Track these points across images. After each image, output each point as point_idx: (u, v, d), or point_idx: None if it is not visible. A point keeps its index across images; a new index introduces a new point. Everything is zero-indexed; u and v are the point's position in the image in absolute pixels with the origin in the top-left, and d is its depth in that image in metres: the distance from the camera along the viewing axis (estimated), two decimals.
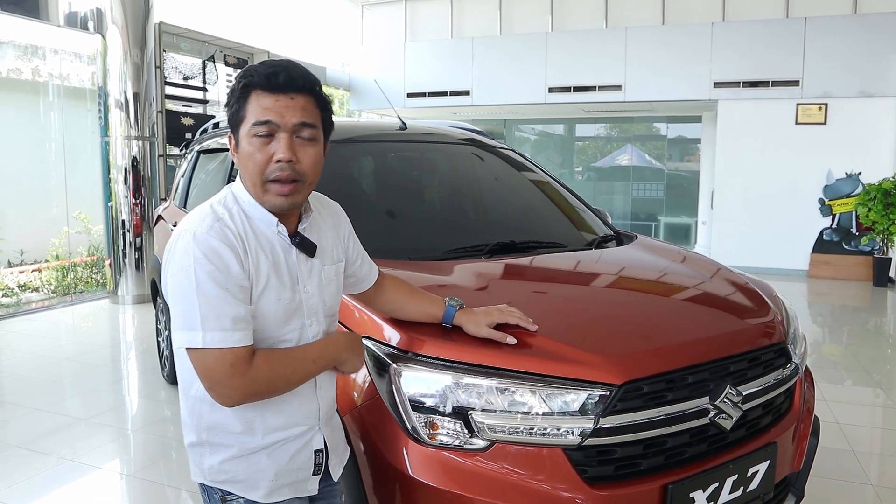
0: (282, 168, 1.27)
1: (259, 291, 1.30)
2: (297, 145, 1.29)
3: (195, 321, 1.21)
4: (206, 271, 1.22)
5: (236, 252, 1.26)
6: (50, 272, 7.66)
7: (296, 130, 1.29)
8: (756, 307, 2.19)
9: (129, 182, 7.05)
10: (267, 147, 1.28)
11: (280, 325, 1.34)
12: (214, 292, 1.21)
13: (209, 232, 1.25)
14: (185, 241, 1.25)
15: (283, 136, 1.27)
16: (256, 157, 1.28)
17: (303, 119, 1.29)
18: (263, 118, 1.26)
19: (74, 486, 3.08)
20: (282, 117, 1.27)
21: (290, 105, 1.27)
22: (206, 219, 1.28)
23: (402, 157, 3.22)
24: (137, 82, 6.94)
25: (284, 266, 1.35)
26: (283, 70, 1.28)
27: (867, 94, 8.85)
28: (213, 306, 1.21)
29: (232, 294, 1.23)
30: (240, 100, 1.30)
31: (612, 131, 13.57)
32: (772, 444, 1.91)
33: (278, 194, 1.29)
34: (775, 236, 9.41)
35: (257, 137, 1.27)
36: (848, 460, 3.32)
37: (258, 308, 1.29)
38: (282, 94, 1.27)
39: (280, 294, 1.33)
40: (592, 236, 2.86)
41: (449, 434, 1.64)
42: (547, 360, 1.68)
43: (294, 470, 1.41)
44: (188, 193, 4.03)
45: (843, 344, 6.00)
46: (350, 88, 11.96)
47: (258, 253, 1.31)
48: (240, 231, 1.29)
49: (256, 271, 1.29)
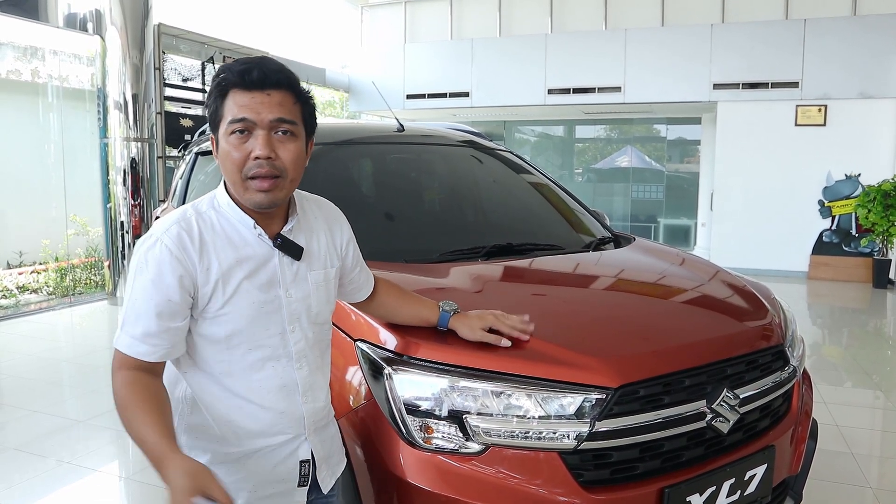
0: (259, 165, 1.26)
1: (228, 295, 1.28)
2: (275, 141, 1.27)
3: (121, 320, 1.26)
4: (142, 279, 1.24)
5: (182, 262, 1.25)
6: (48, 274, 7.66)
7: (273, 127, 1.27)
8: (754, 310, 2.18)
9: (127, 183, 7.05)
10: (244, 145, 1.26)
11: (256, 330, 1.31)
12: (141, 301, 1.24)
13: (165, 234, 1.26)
14: (140, 244, 1.28)
15: (260, 133, 1.26)
16: (234, 155, 1.26)
17: (280, 115, 1.27)
18: (239, 116, 1.25)
19: (72, 489, 3.07)
20: (258, 114, 1.25)
21: (265, 101, 1.26)
22: (170, 222, 1.29)
23: (399, 159, 3.22)
24: (136, 84, 6.94)
25: (263, 269, 1.32)
26: (257, 66, 1.26)
27: (867, 95, 8.85)
28: (134, 311, 1.24)
29: (154, 307, 1.23)
30: (217, 99, 1.29)
31: (612, 133, 13.57)
32: (769, 448, 1.90)
33: (258, 190, 1.27)
34: (775, 238, 9.40)
35: (234, 135, 1.26)
36: (847, 463, 3.31)
37: (226, 311, 1.28)
38: (257, 91, 1.26)
39: (254, 297, 1.30)
40: (590, 238, 2.85)
41: (444, 438, 1.64)
42: (543, 364, 1.67)
43: (276, 481, 1.38)
44: (186, 195, 4.02)
45: (843, 346, 6.00)
46: (349, 90, 11.96)
47: (228, 255, 1.29)
48: (204, 232, 1.28)
49: (224, 275, 1.28)
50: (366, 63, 11.84)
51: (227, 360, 1.31)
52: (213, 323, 1.29)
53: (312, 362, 1.42)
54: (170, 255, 1.24)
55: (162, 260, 1.24)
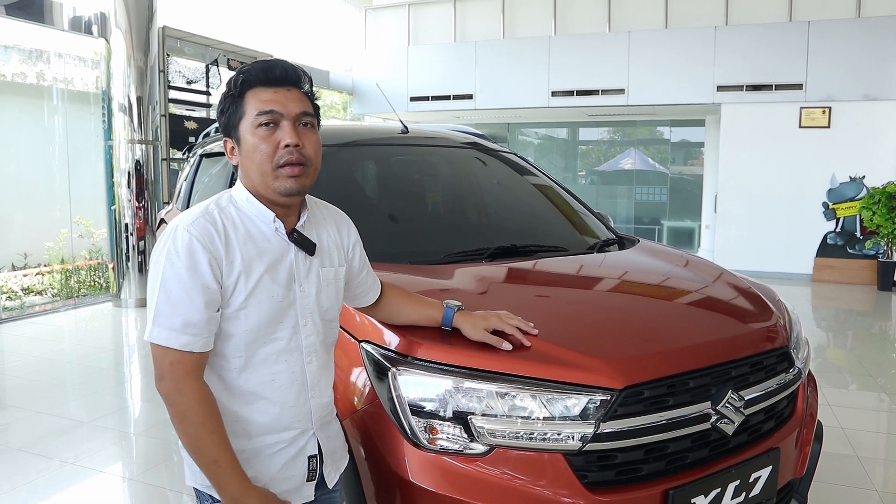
0: (290, 152, 1.32)
1: (249, 289, 1.30)
2: (300, 132, 1.34)
3: (152, 314, 1.25)
4: (174, 268, 1.24)
5: (212, 252, 1.27)
6: (53, 275, 7.68)
7: (298, 118, 1.34)
8: (758, 311, 2.18)
9: (132, 185, 7.07)
10: (273, 136, 1.32)
11: (272, 324, 1.34)
12: (175, 291, 1.24)
13: (192, 225, 1.28)
14: (166, 235, 1.29)
15: (286, 124, 1.33)
16: (263, 147, 1.32)
17: (303, 108, 1.36)
18: (267, 108, 1.32)
19: (76, 490, 3.08)
20: (284, 107, 1.33)
21: (288, 96, 1.35)
22: (195, 215, 1.31)
23: (403, 161, 3.22)
24: (141, 86, 6.96)
25: (281, 264, 1.36)
26: (278, 65, 1.35)
27: (871, 97, 8.83)
28: (169, 303, 1.24)
29: (191, 297, 1.24)
30: (236, 100, 1.35)
31: (616, 135, 13.56)
32: (774, 450, 1.89)
33: (290, 176, 1.33)
34: (779, 240, 9.38)
35: (262, 127, 1.32)
36: (853, 466, 3.30)
37: (248, 304, 1.30)
38: (280, 87, 1.34)
39: (273, 291, 1.34)
40: (594, 240, 2.85)
41: (449, 439, 1.64)
42: (548, 365, 1.67)
43: (286, 478, 1.40)
44: (191, 197, 4.03)
45: (848, 348, 5.98)
46: (353, 92, 11.98)
47: (249, 250, 1.32)
48: (227, 226, 1.31)
49: (246, 268, 1.30)
50: (369, 65, 11.87)
51: (244, 354, 1.34)
52: (235, 317, 1.31)
53: (321, 357, 1.45)
54: (200, 244, 1.26)
55: (194, 248, 1.26)
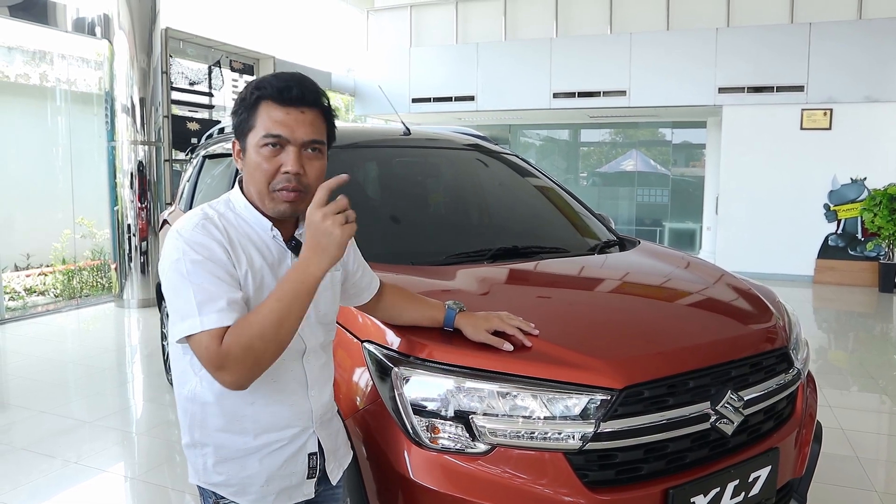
0: (288, 180, 1.30)
1: (255, 286, 1.31)
2: (304, 158, 1.32)
3: (192, 309, 1.21)
4: (195, 262, 1.24)
5: (221, 244, 1.28)
6: (56, 276, 7.70)
7: (304, 146, 1.31)
8: (758, 312, 2.19)
9: (135, 186, 7.10)
10: (275, 158, 1.30)
11: None
12: (206, 279, 1.23)
13: (195, 229, 1.28)
14: (172, 239, 1.28)
15: (291, 150, 1.30)
16: (264, 167, 1.31)
17: (312, 136, 1.32)
18: (274, 132, 1.29)
19: (79, 489, 3.09)
20: (292, 132, 1.30)
21: (300, 119, 1.30)
22: (194, 218, 1.32)
23: (405, 162, 3.24)
24: (144, 87, 6.99)
25: (280, 269, 1.36)
26: (297, 84, 1.31)
27: (872, 99, 8.84)
28: (206, 291, 1.22)
29: (222, 279, 1.25)
30: (250, 109, 1.33)
31: (617, 136, 13.57)
32: (773, 450, 1.91)
33: (284, 201, 1.32)
34: (780, 242, 9.38)
35: (266, 147, 1.30)
36: (853, 467, 3.30)
37: (252, 304, 1.30)
38: (293, 108, 1.30)
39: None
40: (595, 241, 2.86)
41: (450, 438, 1.65)
42: (549, 365, 1.68)
43: (286, 475, 1.41)
44: (193, 198, 4.05)
45: (849, 350, 5.98)
46: (355, 94, 12.00)
47: (250, 251, 1.33)
48: (227, 230, 1.32)
49: (251, 267, 1.31)
50: (371, 67, 11.89)
51: None
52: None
53: (320, 358, 1.46)
54: (209, 237, 1.27)
55: (206, 242, 1.26)
